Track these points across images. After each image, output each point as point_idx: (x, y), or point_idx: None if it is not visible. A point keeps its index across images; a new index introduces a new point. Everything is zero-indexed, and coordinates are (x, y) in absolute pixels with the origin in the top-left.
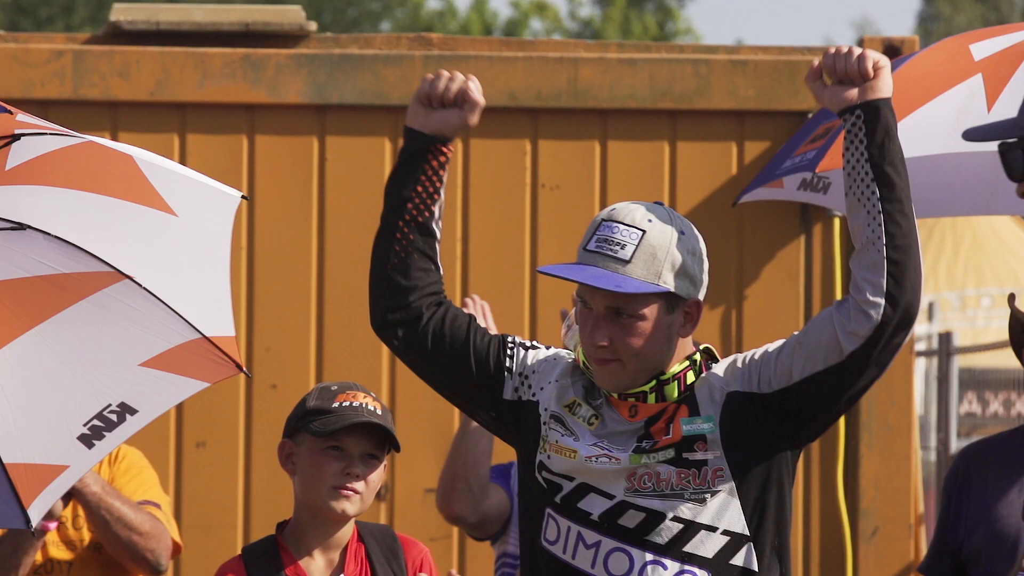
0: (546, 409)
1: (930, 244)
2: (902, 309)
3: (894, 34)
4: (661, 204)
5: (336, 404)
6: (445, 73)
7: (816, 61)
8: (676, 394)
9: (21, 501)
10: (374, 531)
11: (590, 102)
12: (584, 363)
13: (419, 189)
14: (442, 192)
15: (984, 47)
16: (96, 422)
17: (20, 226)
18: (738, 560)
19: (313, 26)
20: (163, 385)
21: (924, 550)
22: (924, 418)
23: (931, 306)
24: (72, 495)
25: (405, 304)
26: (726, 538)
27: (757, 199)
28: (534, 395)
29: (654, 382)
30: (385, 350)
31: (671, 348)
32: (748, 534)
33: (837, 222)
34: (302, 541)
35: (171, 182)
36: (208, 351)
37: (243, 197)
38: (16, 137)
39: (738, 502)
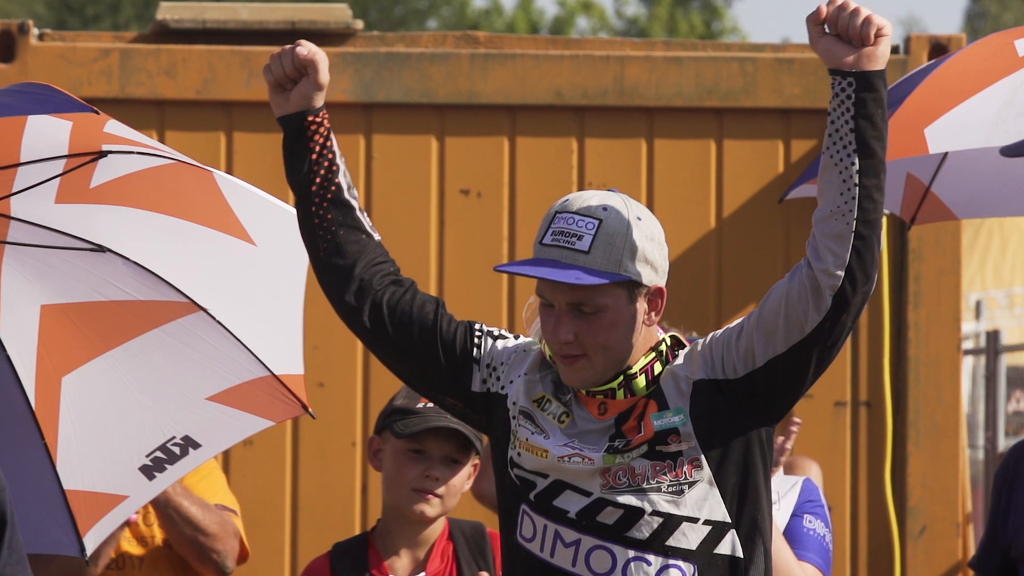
0: (515, 403)
1: (977, 242)
2: (861, 282)
3: (941, 32)
4: (615, 191)
5: (421, 405)
6: (274, 54)
7: (822, 6)
8: (644, 387)
9: (78, 529)
10: (464, 528)
11: (636, 100)
12: (551, 357)
13: (315, 168)
14: (340, 162)
15: None
16: (159, 454)
17: (100, 248)
18: (723, 549)
19: (359, 24)
20: (228, 421)
21: (972, 549)
22: (972, 416)
23: (978, 304)
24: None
25: (353, 279)
26: (708, 528)
27: (804, 195)
28: (503, 388)
29: (621, 377)
30: None
31: (637, 338)
32: (730, 521)
33: (884, 220)
34: (389, 539)
35: (251, 206)
36: (275, 389)
37: None
38: (103, 154)
39: (717, 490)
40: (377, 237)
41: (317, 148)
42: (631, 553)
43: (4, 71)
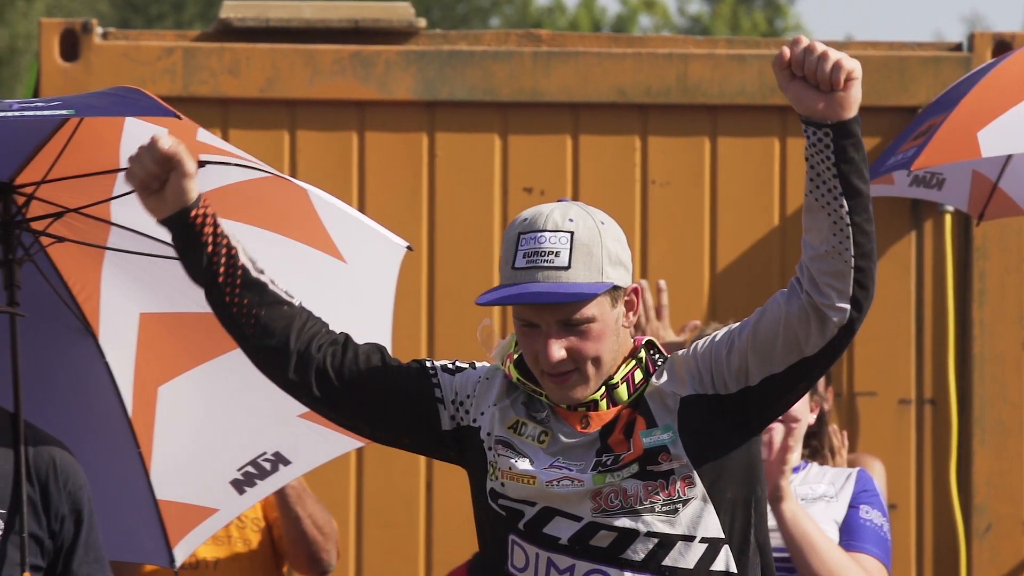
0: (489, 434)
1: None
2: (865, 306)
3: (1005, 29)
4: (567, 200)
5: None
6: (133, 156)
7: (787, 49)
8: (626, 396)
9: (168, 540)
10: None
11: (699, 98)
12: (519, 379)
13: (215, 260)
14: (233, 243)
15: None
16: (250, 468)
17: None
18: (719, 565)
19: (422, 22)
20: (318, 439)
21: None
22: None
23: None
24: None
25: (290, 354)
26: (704, 545)
27: None
28: (474, 420)
29: (603, 388)
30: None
31: (620, 344)
32: (723, 536)
33: (948, 218)
34: None
35: (343, 225)
36: None
37: (407, 248)
38: (201, 164)
39: (711, 506)
40: (296, 301)
41: (210, 239)
42: (627, 575)
43: (68, 70)
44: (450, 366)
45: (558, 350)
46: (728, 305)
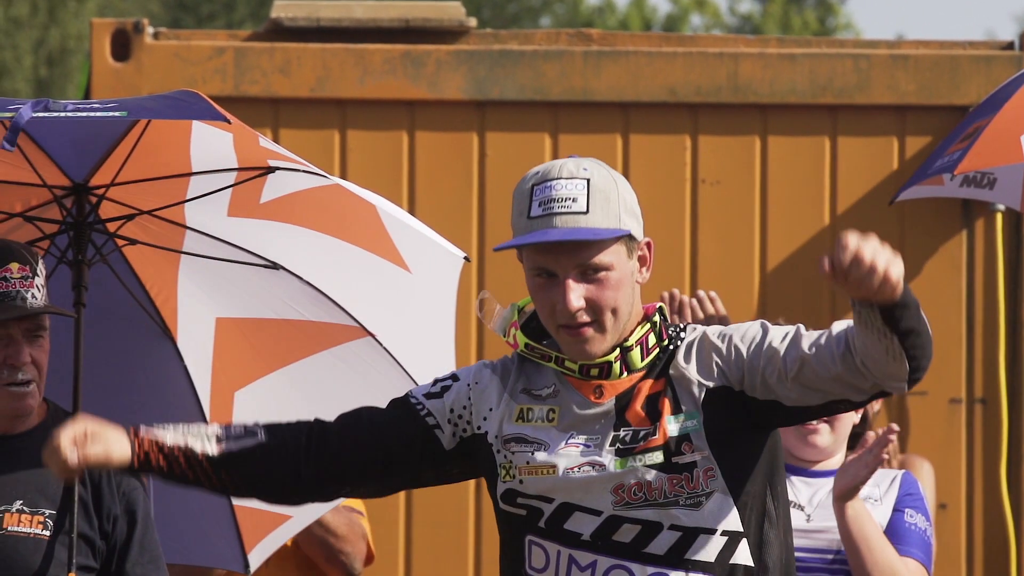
0: (497, 437)
1: None
2: (923, 376)
3: None
4: (576, 157)
5: None
6: (46, 458)
7: (827, 261)
8: (640, 361)
9: (244, 545)
10: None
11: (750, 97)
12: (528, 343)
13: (176, 472)
14: (183, 441)
15: None
16: None
17: (274, 265)
18: (738, 559)
19: (473, 22)
20: None
21: None
22: None
23: None
24: None
25: (284, 480)
26: (725, 538)
27: (916, 197)
28: (478, 427)
29: (617, 350)
30: None
31: (634, 300)
32: (742, 530)
33: (1000, 216)
34: None
35: (407, 236)
36: None
37: (465, 259)
38: (271, 169)
39: (731, 498)
40: (261, 436)
41: (162, 462)
42: (650, 570)
43: (120, 70)
44: (434, 390)
45: (576, 298)
46: (779, 304)
